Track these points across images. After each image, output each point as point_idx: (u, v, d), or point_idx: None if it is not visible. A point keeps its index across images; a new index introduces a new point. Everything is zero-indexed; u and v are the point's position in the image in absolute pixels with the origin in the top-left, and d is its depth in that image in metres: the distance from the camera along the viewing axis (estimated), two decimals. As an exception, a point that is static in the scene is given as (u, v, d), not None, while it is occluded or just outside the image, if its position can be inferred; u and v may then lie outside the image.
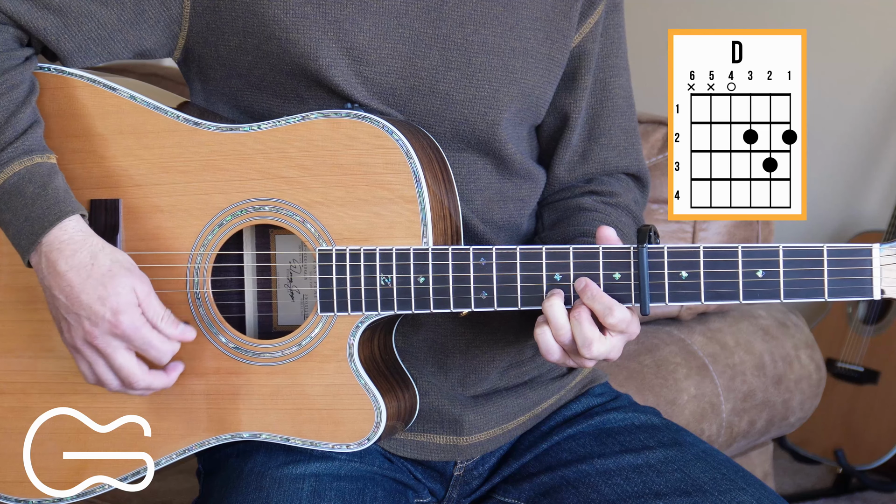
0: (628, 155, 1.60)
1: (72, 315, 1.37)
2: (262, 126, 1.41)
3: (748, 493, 1.43)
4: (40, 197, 1.36)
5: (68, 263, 1.36)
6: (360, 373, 1.39)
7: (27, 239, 1.37)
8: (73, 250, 1.36)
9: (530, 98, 1.51)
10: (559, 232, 1.53)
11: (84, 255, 1.36)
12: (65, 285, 1.36)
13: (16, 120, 1.38)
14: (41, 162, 1.38)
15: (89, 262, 1.36)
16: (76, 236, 1.37)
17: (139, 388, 1.40)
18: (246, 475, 1.44)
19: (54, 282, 1.36)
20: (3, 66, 1.40)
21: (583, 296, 1.32)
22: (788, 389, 2.44)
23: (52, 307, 1.39)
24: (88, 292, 1.35)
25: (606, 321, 1.32)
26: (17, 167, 1.37)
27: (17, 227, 1.37)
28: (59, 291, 1.36)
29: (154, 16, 1.45)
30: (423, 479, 1.56)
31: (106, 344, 1.37)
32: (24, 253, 1.38)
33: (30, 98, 1.41)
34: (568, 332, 1.32)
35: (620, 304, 1.32)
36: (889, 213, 3.48)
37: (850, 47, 3.62)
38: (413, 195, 1.37)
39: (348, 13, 1.42)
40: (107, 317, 1.35)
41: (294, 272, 1.48)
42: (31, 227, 1.36)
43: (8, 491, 1.50)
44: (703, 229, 2.33)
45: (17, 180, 1.37)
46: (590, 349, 1.31)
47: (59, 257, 1.36)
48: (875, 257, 1.28)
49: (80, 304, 1.36)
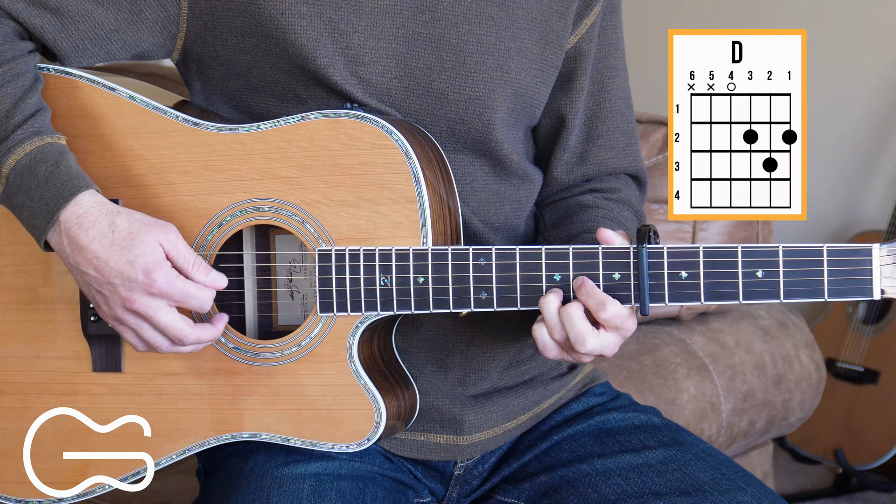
0: (627, 156, 1.60)
1: (106, 286, 1.36)
2: (262, 126, 1.40)
3: (748, 493, 1.43)
4: (53, 175, 1.36)
5: (89, 235, 1.35)
6: (359, 373, 1.39)
7: (43, 218, 1.36)
8: (91, 222, 1.35)
9: (524, 98, 1.51)
10: (562, 231, 1.53)
11: (102, 223, 1.35)
12: (91, 258, 1.35)
13: (24, 105, 1.38)
14: (52, 142, 1.38)
15: (109, 229, 1.35)
16: (91, 208, 1.36)
17: (189, 343, 1.38)
18: (246, 475, 1.44)
19: (81, 257, 1.35)
20: (7, 55, 1.40)
21: (578, 292, 1.33)
22: (788, 389, 2.44)
23: (84, 284, 1.38)
24: (116, 259, 1.34)
25: (599, 316, 1.32)
26: (29, 147, 1.36)
27: (32, 207, 1.37)
28: (87, 266, 1.35)
29: (151, 16, 1.45)
30: (423, 478, 1.56)
31: (146, 305, 1.35)
32: (41, 233, 1.37)
33: (36, 86, 1.41)
34: (562, 328, 1.33)
35: (614, 300, 1.32)
36: (889, 212, 3.48)
37: (850, 47, 3.62)
38: (412, 195, 1.36)
39: (343, 13, 1.42)
40: (140, 278, 1.34)
41: (294, 272, 1.48)
42: (47, 205, 1.36)
43: (8, 491, 1.50)
44: (703, 229, 2.33)
45: (28, 161, 1.36)
46: (584, 345, 1.32)
47: (80, 232, 1.35)
48: (875, 257, 1.28)
49: (112, 272, 1.34)
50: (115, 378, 1.47)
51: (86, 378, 1.48)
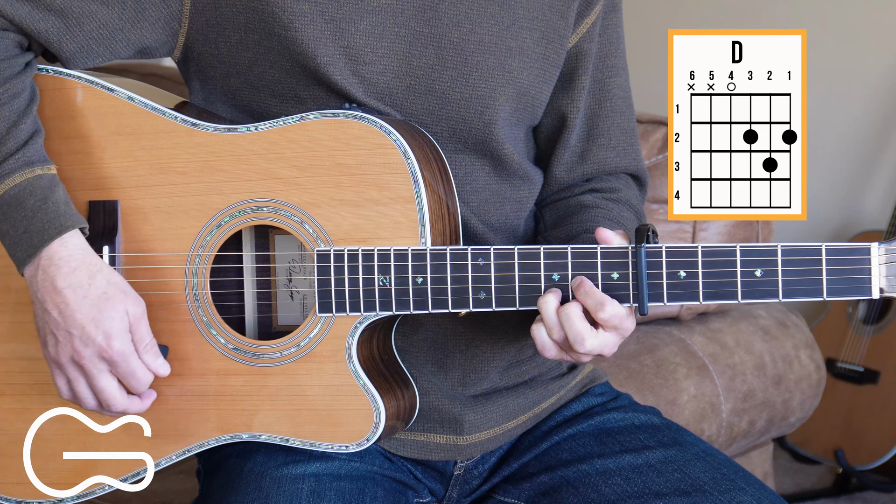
0: (627, 155, 1.60)
1: (62, 332, 1.37)
2: (260, 126, 1.40)
3: (748, 494, 1.43)
4: (41, 210, 1.36)
5: (67, 281, 1.36)
6: (358, 373, 1.39)
7: (24, 251, 1.37)
8: (71, 268, 1.36)
9: (526, 97, 1.51)
10: (562, 231, 1.53)
11: (82, 274, 1.36)
12: (60, 301, 1.36)
13: (17, 130, 1.38)
14: (42, 174, 1.38)
15: (87, 282, 1.36)
16: (76, 253, 1.37)
17: (115, 411, 1.41)
18: (246, 475, 1.44)
19: (49, 297, 1.37)
20: (4, 74, 1.40)
21: (577, 292, 1.32)
22: (788, 389, 2.44)
23: (41, 320, 1.39)
24: (84, 312, 1.36)
25: (598, 316, 1.32)
26: (19, 179, 1.37)
27: (15, 237, 1.37)
28: (52, 307, 1.37)
29: (154, 13, 1.45)
30: (423, 478, 1.56)
31: (92, 365, 1.37)
32: (20, 264, 1.38)
33: (31, 107, 1.41)
34: (561, 328, 1.32)
35: (613, 300, 1.32)
36: (889, 213, 3.48)
37: (850, 47, 3.62)
38: (411, 195, 1.36)
39: (345, 12, 1.42)
40: (98, 340, 1.36)
41: (293, 272, 1.48)
42: (31, 239, 1.36)
43: (8, 492, 1.50)
44: (703, 230, 2.33)
45: (17, 192, 1.37)
46: (582, 344, 1.32)
47: (58, 273, 1.36)
48: (874, 256, 1.28)
49: (74, 324, 1.36)
50: (114, 378, 1.47)
51: (85, 378, 1.48)
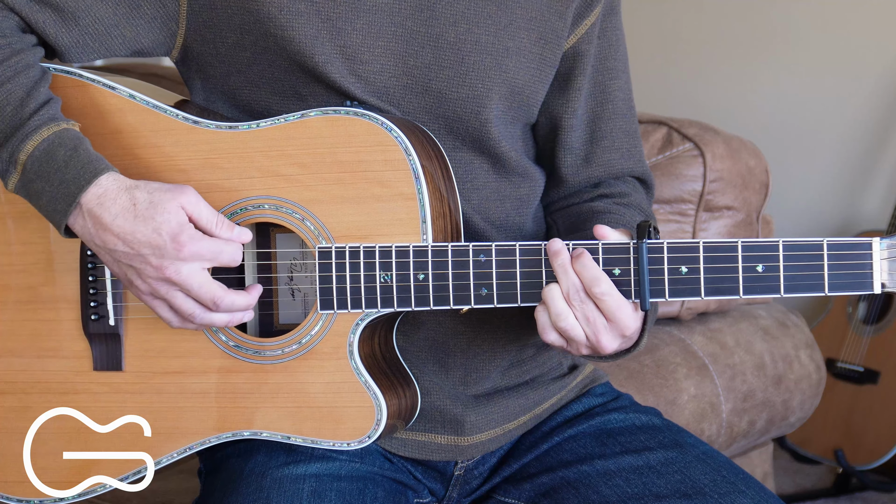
0: (631, 157, 1.60)
1: (136, 259, 1.36)
2: (262, 124, 1.41)
3: (748, 497, 1.43)
4: (73, 159, 1.36)
5: (111, 213, 1.35)
6: (360, 370, 1.39)
7: (64, 201, 1.36)
8: (112, 199, 1.35)
9: (521, 96, 1.51)
10: (576, 237, 1.53)
11: (123, 199, 1.35)
12: (118, 232, 1.35)
13: (36, 93, 1.38)
14: (68, 128, 1.38)
15: (130, 203, 1.35)
16: (111, 187, 1.36)
17: (222, 309, 1.38)
18: (246, 475, 1.44)
19: (107, 235, 1.36)
20: (15, 46, 1.41)
21: (575, 262, 1.32)
22: (788, 389, 2.44)
23: (113, 263, 1.38)
24: (142, 229, 1.34)
25: (593, 291, 1.31)
26: (46, 133, 1.37)
27: (52, 192, 1.37)
28: (114, 242, 1.35)
29: (150, 12, 1.45)
30: (423, 479, 1.56)
31: (177, 271, 1.35)
32: (62, 217, 1.37)
33: (45, 77, 1.41)
34: (566, 316, 1.32)
35: (609, 280, 1.31)
36: (889, 212, 3.48)
37: (850, 48, 3.62)
38: (412, 192, 1.36)
39: (341, 11, 1.42)
40: (168, 244, 1.34)
41: (295, 270, 1.48)
42: (67, 189, 1.36)
43: (9, 491, 1.50)
44: (703, 230, 2.33)
45: (47, 146, 1.36)
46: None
47: (102, 211, 1.35)
48: (875, 251, 1.28)
49: (141, 243, 1.35)
50: (115, 377, 1.47)
51: (86, 377, 1.48)
